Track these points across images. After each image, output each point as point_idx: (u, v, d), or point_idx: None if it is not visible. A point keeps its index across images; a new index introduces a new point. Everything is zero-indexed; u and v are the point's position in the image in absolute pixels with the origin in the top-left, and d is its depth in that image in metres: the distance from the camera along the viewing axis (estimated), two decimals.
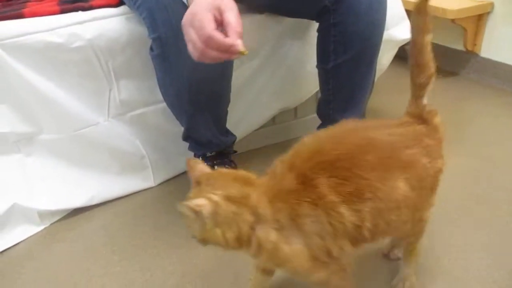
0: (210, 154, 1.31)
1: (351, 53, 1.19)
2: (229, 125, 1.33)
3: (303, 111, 1.64)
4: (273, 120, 1.59)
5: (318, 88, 1.45)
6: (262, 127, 1.55)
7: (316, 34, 1.28)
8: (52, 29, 1.15)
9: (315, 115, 1.48)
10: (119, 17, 1.22)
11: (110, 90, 1.27)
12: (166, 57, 1.03)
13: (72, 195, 1.29)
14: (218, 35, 0.76)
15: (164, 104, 1.25)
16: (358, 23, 1.16)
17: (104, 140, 1.30)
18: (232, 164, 1.35)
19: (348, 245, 0.75)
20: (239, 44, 0.77)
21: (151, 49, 1.07)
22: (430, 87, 0.90)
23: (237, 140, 1.39)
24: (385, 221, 0.76)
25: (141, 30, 1.16)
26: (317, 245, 0.73)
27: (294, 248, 0.72)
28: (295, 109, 1.63)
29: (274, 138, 1.62)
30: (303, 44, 1.46)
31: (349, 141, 0.79)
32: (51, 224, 1.27)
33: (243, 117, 1.47)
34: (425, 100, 0.91)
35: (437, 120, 0.90)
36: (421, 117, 0.88)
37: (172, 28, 0.93)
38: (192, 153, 1.36)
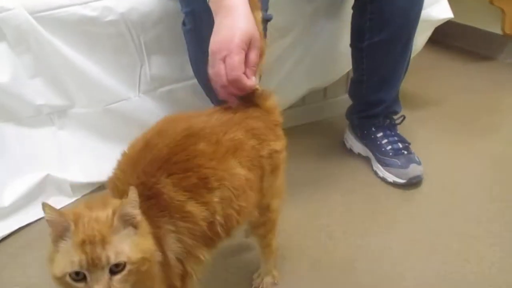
0: None
1: (387, 31, 1.16)
2: None
3: (333, 91, 1.61)
4: (303, 100, 1.57)
5: (349, 68, 1.43)
6: (291, 107, 1.53)
7: (350, 11, 1.25)
8: (86, 3, 1.15)
9: (345, 96, 1.46)
10: None
11: (141, 66, 1.27)
12: (198, 31, 1.02)
13: (103, 168, 1.28)
14: (245, 80, 0.79)
15: (194, 81, 1.24)
16: (396, 1, 1.12)
17: (134, 115, 1.31)
18: None
19: (205, 251, 0.71)
20: (256, 84, 0.82)
21: (183, 23, 1.06)
22: (260, 67, 0.86)
23: None
24: (235, 210, 0.72)
25: (173, 5, 1.15)
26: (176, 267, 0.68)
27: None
28: (325, 89, 1.60)
29: (303, 118, 1.60)
30: (337, 22, 1.43)
31: (174, 133, 0.73)
32: (82, 196, 1.29)
33: None
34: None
35: (270, 102, 0.86)
36: (251, 100, 0.84)
37: (205, 2, 0.91)
38: None
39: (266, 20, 1.03)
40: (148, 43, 1.25)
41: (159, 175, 0.67)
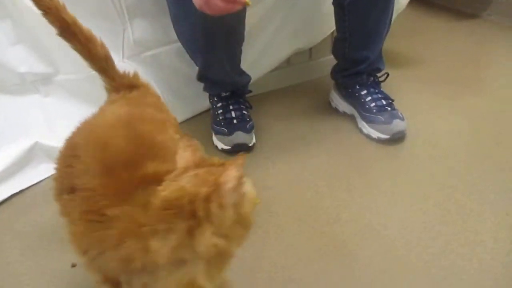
0: (224, 94, 1.32)
1: None
2: (244, 66, 1.32)
3: (318, 52, 1.62)
4: (288, 61, 1.57)
5: (333, 29, 1.43)
6: (276, 68, 1.54)
7: None
8: None
9: (331, 56, 1.47)
10: None
11: (124, 30, 1.27)
12: None
13: None
14: None
15: (178, 45, 1.25)
16: None
17: None
18: (246, 104, 1.35)
19: None
20: None
21: None
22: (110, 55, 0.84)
23: (252, 81, 1.39)
24: None
25: None
26: None
27: None
28: (310, 50, 1.61)
29: (289, 79, 1.61)
30: None
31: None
32: None
33: (257, 58, 1.45)
34: (118, 69, 0.86)
35: (142, 80, 0.85)
36: (130, 85, 0.83)
37: None
38: (207, 94, 1.37)
39: None
40: (130, 6, 1.24)
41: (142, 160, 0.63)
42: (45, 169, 1.27)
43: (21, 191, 1.19)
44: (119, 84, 0.83)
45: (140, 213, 0.55)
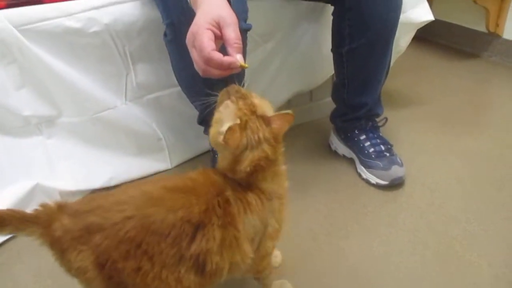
0: None
1: (366, 37, 1.19)
2: None
3: (319, 94, 1.64)
4: (288, 103, 1.59)
5: (333, 72, 1.45)
6: (276, 110, 1.54)
7: (331, 17, 1.27)
8: (70, 14, 1.17)
9: (331, 97, 1.48)
10: (135, 2, 1.23)
11: (127, 74, 1.30)
12: (179, 42, 1.04)
13: (91, 176, 1.33)
14: (217, 56, 0.78)
15: (179, 88, 1.27)
16: (374, 6, 1.15)
17: (121, 122, 1.34)
18: None
19: None
20: (237, 61, 0.80)
21: (165, 35, 1.08)
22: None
23: None
24: None
25: (157, 14, 1.16)
26: None
27: None
28: (311, 92, 1.63)
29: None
30: (319, 27, 1.45)
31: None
32: None
33: None
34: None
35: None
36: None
37: (185, 14, 0.93)
38: (207, 136, 1.39)
39: (245, 30, 1.06)
40: (133, 52, 1.27)
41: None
42: None
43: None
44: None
45: None
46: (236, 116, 0.75)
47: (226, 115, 0.77)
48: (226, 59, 0.79)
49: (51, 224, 0.73)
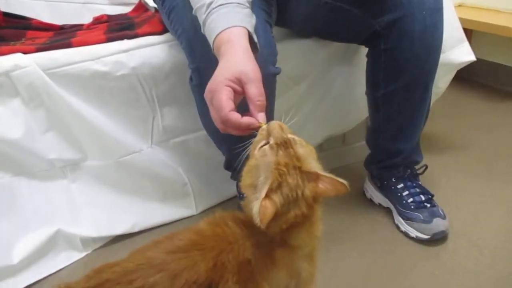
0: None
1: (403, 81, 1.12)
2: None
3: (352, 137, 1.56)
4: (320, 146, 1.52)
5: (367, 115, 1.38)
6: None
7: (365, 58, 1.21)
8: (98, 58, 1.16)
9: (365, 141, 1.41)
10: (162, 45, 1.22)
11: (153, 117, 1.27)
12: (204, 87, 1.00)
13: (114, 222, 1.29)
14: (235, 117, 0.74)
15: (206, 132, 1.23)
16: (411, 49, 1.08)
17: (147, 167, 1.30)
18: None
19: None
20: (256, 122, 0.75)
21: (191, 79, 1.05)
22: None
23: None
24: None
25: (184, 58, 1.14)
26: None
27: None
28: (344, 135, 1.56)
29: (322, 165, 1.55)
30: (352, 69, 1.40)
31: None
32: (93, 250, 1.27)
33: None
34: None
35: None
36: None
37: (211, 60, 0.90)
38: (235, 182, 1.33)
39: (274, 74, 1.01)
40: (160, 95, 1.25)
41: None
42: (65, 258, 1.24)
43: (38, 281, 1.16)
44: None
45: None
46: (274, 173, 0.68)
47: (262, 167, 0.70)
48: (245, 120, 0.74)
49: None
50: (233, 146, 1.13)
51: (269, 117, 1.10)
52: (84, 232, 1.25)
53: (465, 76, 2.04)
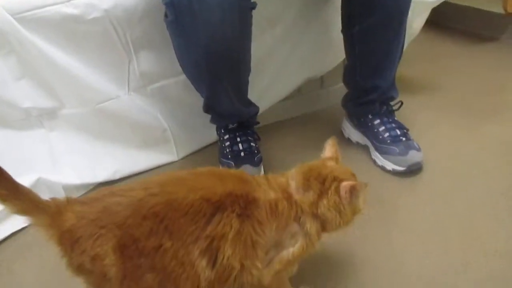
0: (231, 126, 1.28)
1: (378, 16, 1.13)
2: (252, 97, 1.29)
3: (330, 80, 1.57)
4: (299, 90, 1.53)
5: (344, 57, 1.39)
6: (287, 98, 1.50)
7: None
8: (68, 0, 1.13)
9: (343, 84, 1.42)
10: None
11: (129, 62, 1.25)
12: (180, 22, 0.99)
13: (95, 170, 1.29)
14: None
15: (185, 77, 1.22)
16: None
17: (125, 113, 1.29)
18: (255, 136, 1.31)
19: None
20: None
21: (166, 15, 1.04)
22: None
23: (261, 112, 1.35)
24: None
25: None
26: None
27: None
28: (322, 78, 1.56)
29: (300, 109, 1.57)
30: (329, 9, 1.39)
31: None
32: None
33: (267, 88, 1.42)
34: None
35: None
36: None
37: None
38: (215, 126, 1.34)
39: (250, 8, 1.00)
40: (134, 39, 1.22)
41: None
42: None
43: (22, 229, 1.16)
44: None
45: None
46: None
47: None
48: None
49: (61, 215, 0.70)
50: (211, 85, 1.14)
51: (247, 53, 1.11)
52: (65, 179, 1.25)
53: (439, 21, 2.06)
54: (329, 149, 0.88)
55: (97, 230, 0.68)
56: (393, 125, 1.27)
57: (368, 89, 1.26)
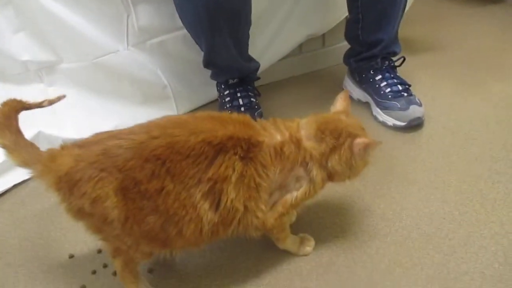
0: (232, 81, 1.27)
1: None
2: (254, 54, 1.27)
3: (332, 38, 1.55)
4: (300, 48, 1.51)
5: (346, 14, 1.36)
6: (288, 56, 1.48)
7: None
8: None
9: (345, 42, 1.40)
10: None
11: (128, 16, 1.23)
12: None
13: (95, 124, 1.26)
14: None
15: (184, 31, 1.20)
16: None
17: (125, 68, 1.28)
18: (255, 92, 1.30)
19: None
20: None
21: None
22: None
23: (262, 70, 1.34)
24: None
25: None
26: None
27: None
28: (323, 36, 1.54)
29: (301, 68, 1.55)
30: None
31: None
32: None
33: (268, 45, 1.40)
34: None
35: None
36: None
37: None
38: (215, 83, 1.33)
39: None
40: None
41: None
42: None
43: (23, 181, 1.17)
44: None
45: None
46: None
47: None
48: None
49: (55, 161, 0.70)
50: (211, 37, 1.12)
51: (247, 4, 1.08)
52: (65, 134, 1.24)
53: None
54: (341, 102, 0.86)
55: (97, 172, 0.68)
56: (395, 80, 1.25)
57: (370, 43, 1.24)
